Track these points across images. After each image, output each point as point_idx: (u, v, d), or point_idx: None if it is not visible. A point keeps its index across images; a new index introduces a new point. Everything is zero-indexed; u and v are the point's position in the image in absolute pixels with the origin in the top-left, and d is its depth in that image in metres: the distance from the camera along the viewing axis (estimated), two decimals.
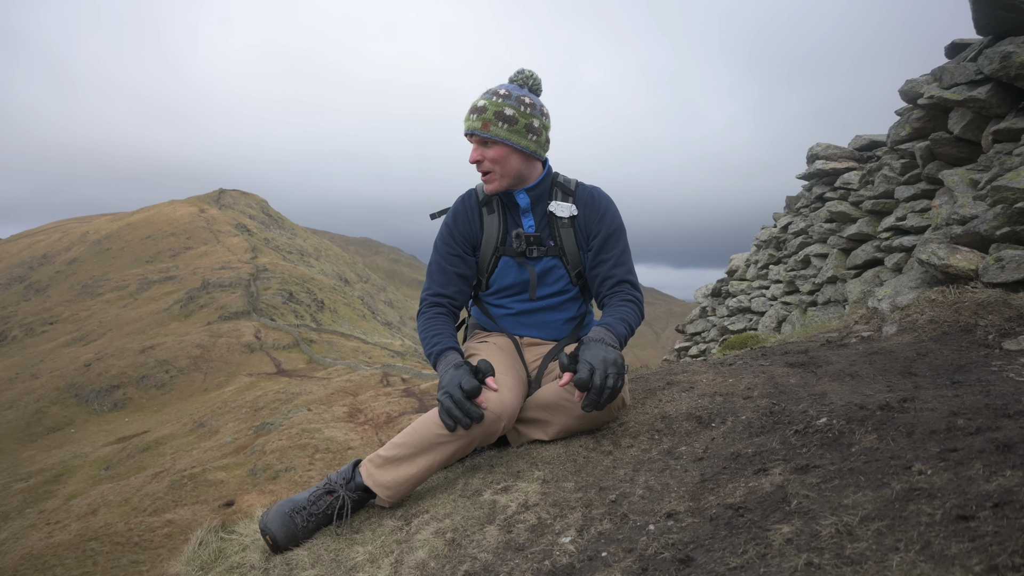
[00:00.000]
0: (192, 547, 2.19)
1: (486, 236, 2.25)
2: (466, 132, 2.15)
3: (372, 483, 1.91)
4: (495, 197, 2.25)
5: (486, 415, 1.85)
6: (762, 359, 2.71)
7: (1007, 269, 2.65)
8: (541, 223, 2.25)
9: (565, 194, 2.25)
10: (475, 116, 2.12)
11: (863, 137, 6.60)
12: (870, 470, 1.27)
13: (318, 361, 40.62)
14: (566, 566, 1.35)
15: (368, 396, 26.04)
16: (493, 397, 1.88)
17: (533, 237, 2.21)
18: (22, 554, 16.16)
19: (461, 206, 2.28)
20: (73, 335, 56.19)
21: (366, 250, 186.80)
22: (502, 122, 2.11)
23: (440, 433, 1.86)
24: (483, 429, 1.87)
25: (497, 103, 2.12)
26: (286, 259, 78.22)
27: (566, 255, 2.24)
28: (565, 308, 2.33)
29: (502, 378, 1.99)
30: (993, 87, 3.53)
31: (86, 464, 27.44)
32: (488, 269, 2.28)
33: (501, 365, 2.07)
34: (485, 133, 2.10)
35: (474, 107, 2.14)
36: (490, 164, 2.14)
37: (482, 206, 2.26)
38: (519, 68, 2.24)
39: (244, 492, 17.76)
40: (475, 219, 2.26)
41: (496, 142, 2.12)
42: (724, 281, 9.70)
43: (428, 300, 2.24)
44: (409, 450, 1.89)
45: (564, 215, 2.21)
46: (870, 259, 5.30)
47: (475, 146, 2.14)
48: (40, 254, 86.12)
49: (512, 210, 2.26)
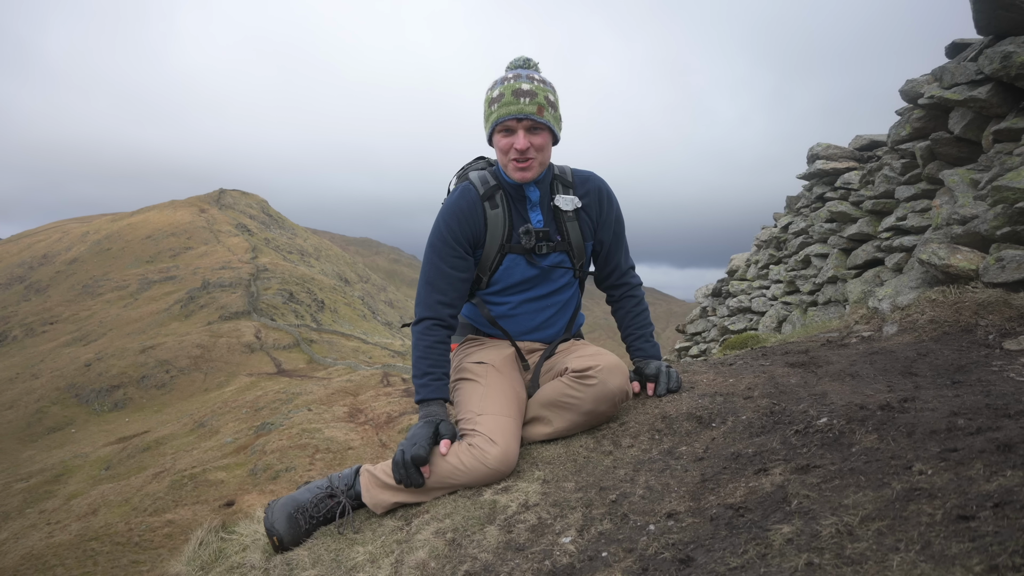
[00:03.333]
0: (192, 547, 2.19)
1: (490, 233, 2.10)
2: (512, 116, 1.96)
3: (368, 500, 1.95)
4: (499, 191, 2.12)
5: (488, 472, 1.83)
6: (762, 359, 2.71)
7: (1007, 269, 2.64)
8: (547, 217, 2.16)
9: (565, 186, 2.18)
10: (527, 100, 1.95)
11: (863, 137, 6.60)
12: (870, 470, 1.27)
13: (318, 361, 40.63)
14: (566, 566, 1.35)
15: (368, 396, 26.04)
16: (495, 451, 1.85)
17: (542, 232, 2.12)
18: (22, 554, 16.17)
19: (462, 202, 2.10)
20: (73, 335, 56.21)
21: (366, 250, 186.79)
22: (551, 108, 2.01)
23: (445, 479, 1.86)
24: (484, 481, 1.86)
25: (542, 88, 2.00)
26: (286, 259, 78.23)
27: (572, 249, 2.19)
28: (568, 306, 2.30)
29: (504, 422, 1.94)
30: (993, 87, 3.53)
31: (86, 464, 27.45)
32: (492, 267, 2.15)
33: (502, 403, 2.00)
34: (540, 118, 1.97)
35: (519, 90, 1.96)
36: (535, 151, 2.00)
37: (484, 200, 2.11)
38: (519, 55, 2.11)
39: (244, 492, 17.77)
40: (479, 214, 2.09)
41: (545, 128, 2.01)
42: (724, 281, 9.70)
43: (429, 315, 2.06)
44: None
45: (569, 208, 2.14)
46: (870, 259, 5.30)
47: (522, 132, 1.97)
48: (40, 254, 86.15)
49: (519, 204, 2.13)
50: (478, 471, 1.83)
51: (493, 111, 2.01)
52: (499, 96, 1.99)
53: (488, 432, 1.89)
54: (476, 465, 1.83)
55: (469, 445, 1.87)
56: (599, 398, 1.98)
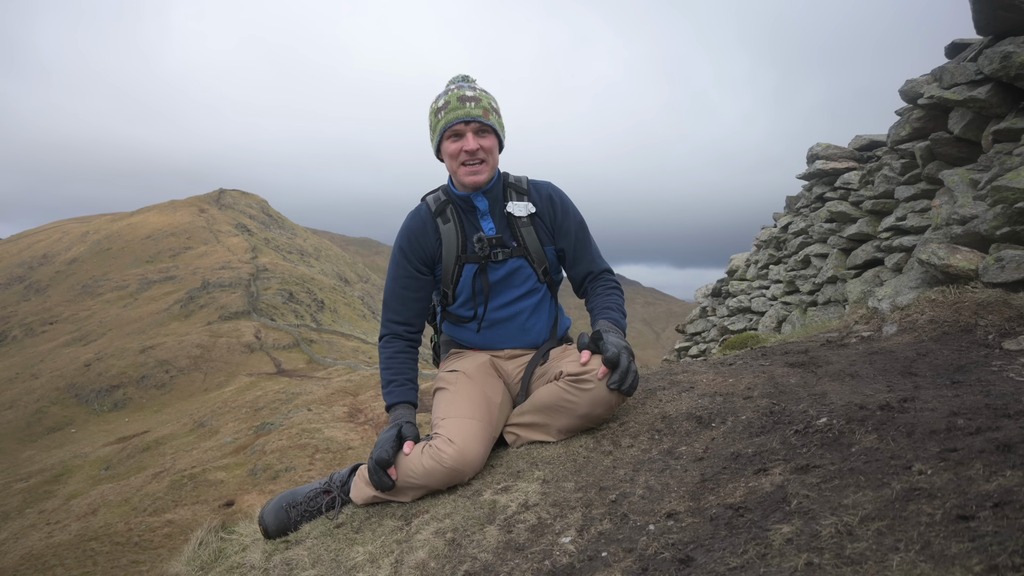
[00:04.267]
0: (192, 547, 2.20)
1: (445, 247, 2.19)
2: (460, 120, 2.07)
3: (356, 496, 2.01)
4: (448, 206, 2.20)
5: (446, 471, 1.87)
6: (762, 359, 2.71)
7: (1007, 269, 2.65)
8: (500, 225, 2.22)
9: (519, 193, 2.24)
10: (472, 104, 2.08)
11: (863, 137, 6.60)
12: (870, 470, 1.27)
13: (318, 361, 40.63)
14: (566, 566, 1.35)
15: (368, 396, 26.04)
16: (451, 450, 1.89)
17: (495, 239, 2.18)
18: (22, 554, 16.17)
19: (413, 222, 2.22)
20: (73, 335, 56.21)
21: (366, 250, 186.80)
22: (495, 113, 2.13)
23: (409, 480, 1.91)
24: (444, 481, 1.89)
25: (485, 95, 2.12)
26: (286, 259, 78.23)
27: (531, 254, 2.22)
28: (539, 311, 2.30)
29: (465, 423, 1.98)
30: (993, 87, 3.53)
31: (86, 464, 27.46)
32: (453, 280, 2.22)
33: (466, 407, 2.04)
34: (487, 120, 2.08)
35: (463, 96, 2.09)
36: (484, 153, 2.10)
37: (435, 217, 2.20)
38: (458, 73, 2.24)
39: (244, 492, 17.77)
40: (431, 232, 2.20)
41: (492, 131, 2.11)
42: (724, 281, 9.71)
43: (386, 332, 2.22)
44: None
45: (523, 214, 2.20)
46: (870, 259, 5.30)
47: (471, 134, 2.08)
48: (40, 254, 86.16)
49: (469, 215, 2.21)
50: (436, 470, 1.88)
51: (440, 119, 2.11)
52: (445, 104, 2.11)
53: (447, 433, 1.94)
54: (433, 465, 1.88)
55: (428, 446, 1.93)
56: (595, 402, 1.98)
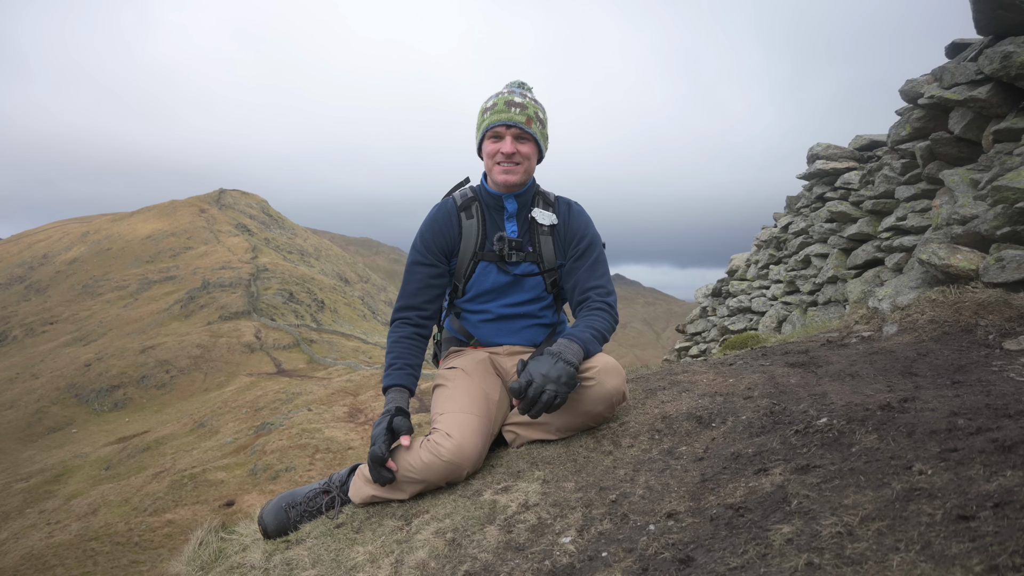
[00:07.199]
0: (192, 547, 2.20)
1: (464, 241, 2.26)
2: (501, 123, 2.15)
3: (356, 495, 2.02)
4: (475, 203, 2.28)
5: (444, 465, 1.89)
6: (762, 359, 2.71)
7: (1007, 269, 2.64)
8: (523, 230, 2.28)
9: (546, 204, 2.31)
10: (517, 110, 2.15)
11: (863, 137, 6.60)
12: (870, 470, 1.27)
13: (318, 361, 40.62)
14: (566, 566, 1.35)
15: (368, 396, 26.04)
16: (449, 444, 1.90)
17: (515, 242, 2.24)
18: (22, 554, 16.17)
19: (438, 213, 2.29)
20: (73, 335, 56.21)
21: (366, 250, 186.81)
22: (538, 123, 2.21)
23: (407, 474, 1.91)
24: (442, 475, 1.90)
25: (534, 104, 2.21)
26: (286, 259, 78.25)
27: (543, 262, 2.27)
28: (541, 315, 2.34)
29: (463, 418, 2.00)
30: (993, 87, 3.53)
31: (86, 464, 27.45)
32: (466, 274, 2.28)
33: (464, 402, 2.06)
34: (528, 128, 2.16)
35: (511, 101, 2.17)
36: (520, 158, 2.18)
37: (461, 211, 2.27)
38: (515, 79, 2.33)
39: (244, 492, 17.76)
40: (454, 225, 2.26)
41: (531, 140, 2.19)
42: (724, 281, 9.71)
43: (397, 315, 2.25)
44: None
45: (545, 223, 2.27)
46: (870, 259, 5.30)
47: (510, 138, 2.16)
48: (40, 254, 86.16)
49: (495, 214, 2.28)
50: (434, 464, 1.89)
51: (485, 119, 2.21)
52: (492, 105, 2.20)
53: (445, 428, 1.96)
54: (431, 459, 1.89)
55: (427, 440, 1.95)
56: (596, 399, 1.99)
